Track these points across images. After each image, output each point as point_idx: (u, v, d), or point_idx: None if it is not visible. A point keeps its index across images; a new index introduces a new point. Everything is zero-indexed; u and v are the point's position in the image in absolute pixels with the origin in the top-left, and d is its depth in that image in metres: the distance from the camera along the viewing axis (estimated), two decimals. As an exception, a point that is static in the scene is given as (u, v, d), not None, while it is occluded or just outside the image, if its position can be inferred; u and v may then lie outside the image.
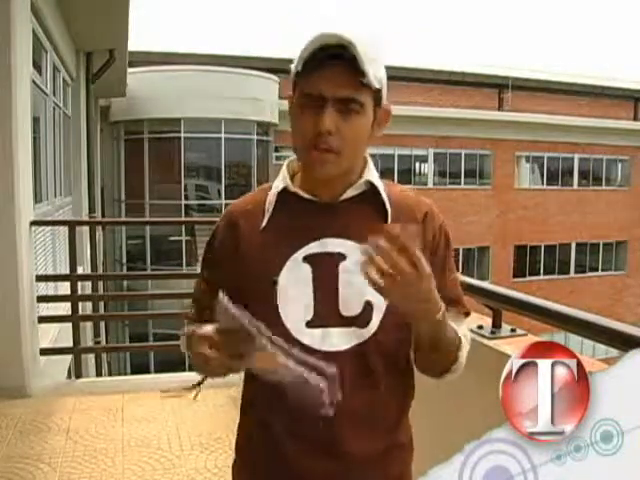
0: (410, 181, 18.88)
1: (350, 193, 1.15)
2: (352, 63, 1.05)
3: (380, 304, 1.09)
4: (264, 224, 1.15)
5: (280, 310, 1.11)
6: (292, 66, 1.11)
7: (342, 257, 1.11)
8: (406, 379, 1.19)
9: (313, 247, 1.12)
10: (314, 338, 1.09)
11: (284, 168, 1.20)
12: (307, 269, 1.11)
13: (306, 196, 1.15)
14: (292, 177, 1.19)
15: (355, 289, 1.09)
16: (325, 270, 1.11)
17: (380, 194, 1.16)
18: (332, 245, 1.12)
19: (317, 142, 1.08)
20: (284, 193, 1.16)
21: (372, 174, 1.18)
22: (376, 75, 1.07)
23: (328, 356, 1.05)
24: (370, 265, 0.94)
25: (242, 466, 1.24)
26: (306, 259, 1.12)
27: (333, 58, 1.05)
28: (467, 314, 1.21)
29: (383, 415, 1.14)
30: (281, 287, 1.11)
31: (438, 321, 1.04)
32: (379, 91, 1.11)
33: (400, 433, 1.19)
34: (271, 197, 1.16)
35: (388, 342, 1.10)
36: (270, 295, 1.11)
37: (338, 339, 1.09)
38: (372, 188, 1.16)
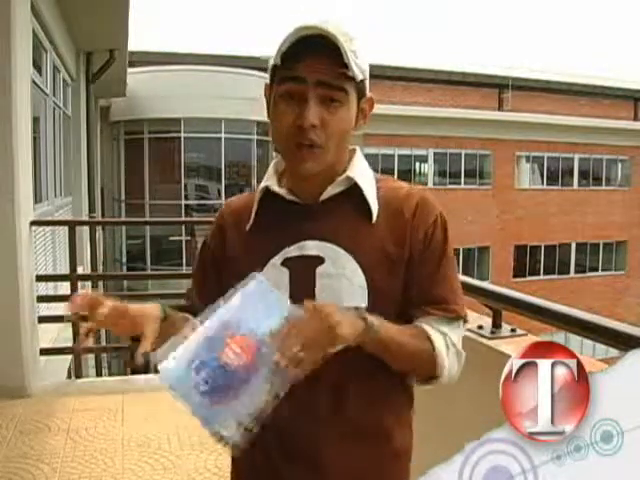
0: (410, 181, 18.46)
1: (331, 191, 1.11)
2: (334, 54, 1.01)
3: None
4: (249, 226, 1.14)
5: None
6: (269, 62, 1.07)
7: (320, 260, 1.08)
8: (396, 387, 1.14)
9: (292, 250, 1.09)
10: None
11: (271, 168, 1.17)
12: (285, 273, 1.08)
13: (288, 197, 1.12)
14: (280, 177, 1.16)
15: (332, 294, 1.06)
16: (302, 274, 1.08)
17: (363, 192, 1.10)
18: (310, 248, 1.08)
19: (300, 138, 1.04)
20: (268, 194, 1.14)
21: (356, 169, 1.12)
22: (358, 65, 1.04)
23: None
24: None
25: (235, 470, 1.23)
26: (285, 263, 1.09)
27: (314, 50, 1.01)
28: (460, 318, 1.11)
29: (370, 425, 1.10)
30: None
31: (369, 340, 0.99)
32: (362, 82, 1.07)
33: (394, 442, 1.13)
34: (256, 198, 1.15)
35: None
36: None
37: None
38: (356, 185, 1.11)
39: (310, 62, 1.02)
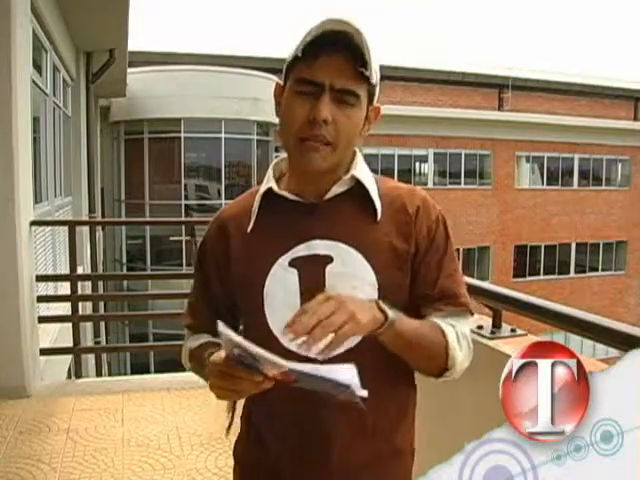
0: (410, 181, 18.88)
1: (335, 190, 1.11)
2: (354, 53, 1.02)
3: None
4: (250, 227, 1.13)
5: (267, 316, 1.09)
6: (291, 51, 1.07)
7: (329, 259, 1.08)
8: (403, 384, 1.16)
9: (300, 250, 1.09)
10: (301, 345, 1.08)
11: (270, 170, 1.17)
12: (293, 273, 1.08)
13: (291, 197, 1.12)
14: (279, 178, 1.16)
15: (343, 293, 1.04)
16: (311, 274, 1.08)
17: (368, 190, 1.11)
18: (319, 247, 1.08)
19: (310, 132, 1.04)
20: (269, 195, 1.13)
21: (359, 169, 1.13)
22: (374, 69, 1.05)
23: (316, 363, 1.04)
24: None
25: (239, 472, 1.23)
26: (292, 263, 1.09)
27: (335, 46, 1.02)
28: (468, 311, 1.14)
29: (378, 422, 1.11)
30: (268, 292, 1.09)
31: (388, 333, 0.99)
32: (374, 87, 1.09)
33: (399, 440, 1.15)
34: (256, 199, 1.14)
35: (379, 347, 1.03)
36: (258, 300, 1.09)
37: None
38: (359, 184, 1.12)
39: (328, 62, 1.03)
